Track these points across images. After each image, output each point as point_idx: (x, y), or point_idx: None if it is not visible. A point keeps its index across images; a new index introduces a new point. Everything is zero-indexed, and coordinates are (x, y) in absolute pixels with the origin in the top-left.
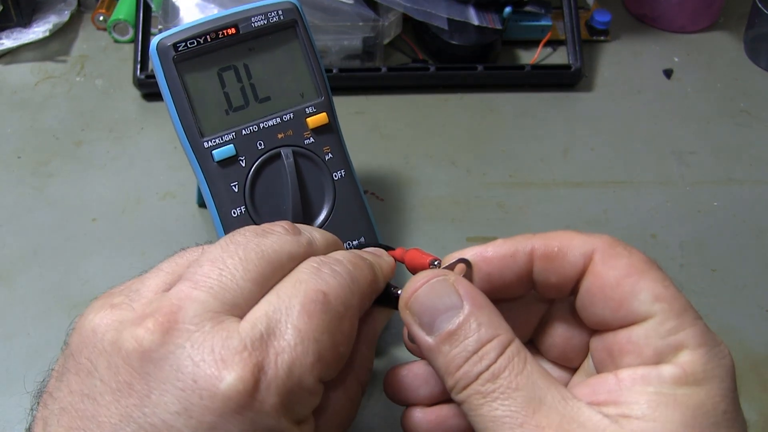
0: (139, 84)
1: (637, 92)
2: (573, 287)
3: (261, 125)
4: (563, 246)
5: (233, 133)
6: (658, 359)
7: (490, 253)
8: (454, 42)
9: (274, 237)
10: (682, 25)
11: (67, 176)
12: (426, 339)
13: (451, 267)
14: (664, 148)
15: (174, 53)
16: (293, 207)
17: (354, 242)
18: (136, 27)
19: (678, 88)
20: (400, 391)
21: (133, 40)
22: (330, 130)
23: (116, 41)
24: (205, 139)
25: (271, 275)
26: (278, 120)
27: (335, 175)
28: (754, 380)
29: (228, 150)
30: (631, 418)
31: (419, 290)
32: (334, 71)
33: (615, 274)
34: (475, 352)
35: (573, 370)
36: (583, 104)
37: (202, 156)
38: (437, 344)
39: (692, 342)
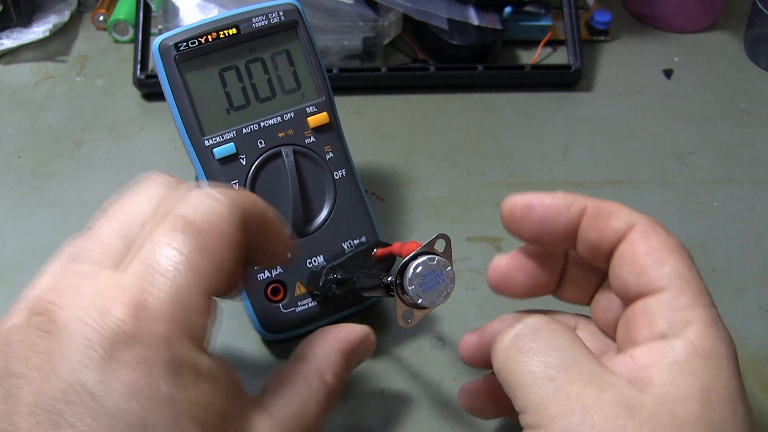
0: (139, 84)
1: (637, 92)
2: (610, 251)
3: (262, 124)
4: (612, 211)
5: (234, 132)
6: (668, 331)
7: (548, 201)
8: (454, 42)
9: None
10: (682, 25)
11: (67, 176)
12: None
13: (431, 244)
14: (664, 148)
15: (176, 53)
16: (293, 205)
17: (355, 241)
18: (136, 27)
19: (678, 88)
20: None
21: (133, 40)
22: (331, 129)
23: (116, 41)
24: (206, 137)
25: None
26: (279, 119)
27: (336, 174)
28: (755, 380)
29: (228, 148)
30: (658, 386)
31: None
32: (334, 71)
33: (648, 245)
34: (518, 319)
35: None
36: (583, 104)
37: (203, 154)
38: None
39: (701, 321)
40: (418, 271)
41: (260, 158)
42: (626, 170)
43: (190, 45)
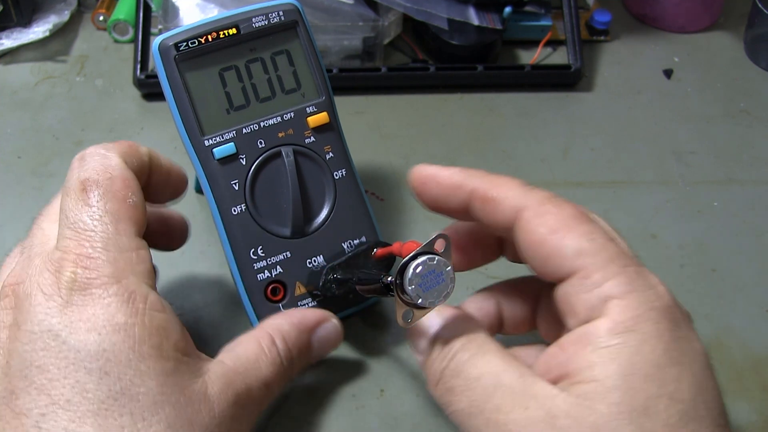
0: (139, 84)
1: (637, 92)
2: (507, 232)
3: (261, 124)
4: (499, 196)
5: (234, 132)
6: (591, 314)
7: (443, 179)
8: (454, 42)
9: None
10: (682, 25)
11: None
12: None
13: (431, 244)
14: (664, 148)
15: (175, 53)
16: (293, 205)
17: (355, 241)
18: (136, 27)
19: (678, 88)
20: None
21: (133, 40)
22: (331, 129)
23: (116, 41)
24: (205, 137)
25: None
26: (279, 119)
27: (336, 174)
28: (754, 380)
29: (228, 148)
30: (580, 383)
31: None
32: (334, 71)
33: (542, 231)
34: (442, 350)
35: None
36: (583, 104)
37: (202, 154)
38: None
39: (619, 290)
40: (418, 271)
41: (260, 158)
42: (626, 170)
43: (190, 45)
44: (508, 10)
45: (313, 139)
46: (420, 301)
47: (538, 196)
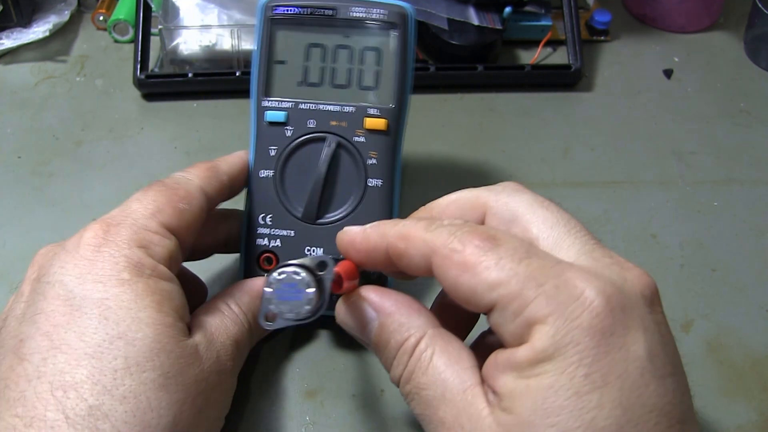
0: (139, 84)
1: (637, 92)
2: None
3: (321, 107)
4: (408, 248)
5: (292, 103)
6: (520, 341)
7: (360, 243)
8: (454, 42)
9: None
10: (682, 25)
11: (67, 176)
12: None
13: (315, 260)
14: (664, 148)
15: (272, 14)
16: (311, 191)
17: None
18: (136, 27)
19: (678, 88)
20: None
21: (133, 40)
22: (385, 137)
23: (116, 41)
24: (266, 98)
25: None
26: (338, 108)
27: (370, 182)
28: (754, 380)
29: (279, 115)
30: (503, 410)
31: (340, 314)
32: None
33: (452, 275)
34: (395, 357)
35: None
36: (583, 104)
37: (259, 112)
38: (375, 353)
39: (539, 314)
40: (279, 277)
41: (305, 136)
42: (626, 170)
43: (289, 11)
44: (508, 10)
45: (362, 139)
46: (272, 307)
47: (442, 236)
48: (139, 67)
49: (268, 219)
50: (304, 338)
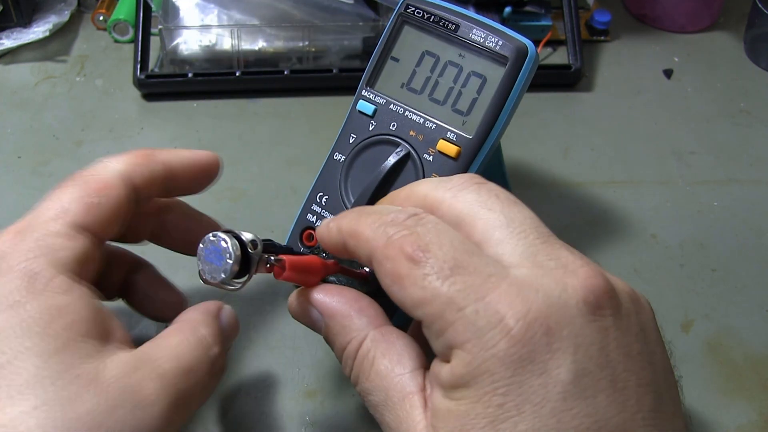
0: (139, 84)
1: (637, 92)
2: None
3: (408, 114)
4: (356, 247)
5: (385, 100)
6: (445, 359)
7: (324, 240)
8: None
9: None
10: (682, 25)
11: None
12: None
13: (250, 239)
14: (664, 148)
15: (404, 10)
16: (365, 188)
17: None
18: (136, 27)
19: (678, 88)
20: None
21: (133, 40)
22: (453, 164)
23: (116, 41)
24: (367, 89)
25: None
26: (423, 120)
27: None
28: (754, 380)
29: (369, 107)
30: (432, 426)
31: (292, 309)
32: (334, 71)
33: (386, 282)
34: (342, 359)
35: None
36: (583, 104)
37: (356, 98)
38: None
39: (457, 340)
40: (211, 239)
41: (382, 135)
42: (626, 170)
43: (416, 13)
44: (508, 10)
45: (431, 158)
46: (199, 263)
47: (380, 239)
48: (139, 67)
49: (324, 199)
50: (305, 338)
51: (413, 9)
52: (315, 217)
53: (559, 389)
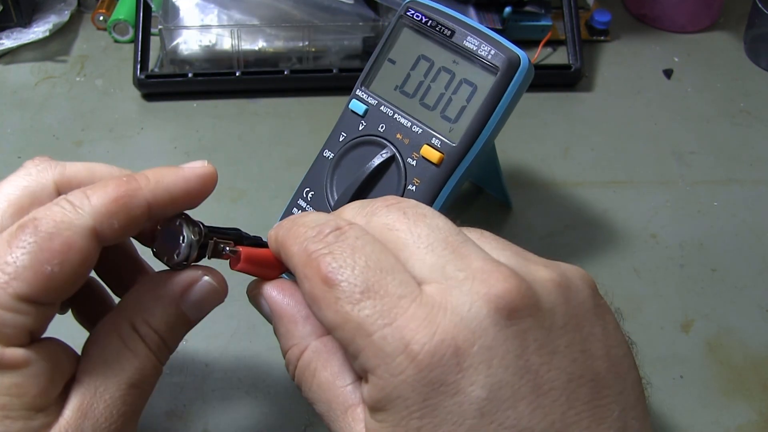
0: (139, 84)
1: (637, 92)
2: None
3: (397, 116)
4: (286, 259)
5: (377, 101)
6: (365, 379)
7: (272, 245)
8: None
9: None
10: (682, 25)
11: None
12: None
13: (213, 229)
14: (664, 148)
15: (404, 13)
16: (347, 187)
17: None
18: (136, 27)
19: (678, 88)
20: None
21: (133, 40)
22: (435, 170)
23: (116, 41)
24: (361, 89)
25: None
26: (410, 124)
27: None
28: (754, 380)
29: (359, 107)
30: None
31: (249, 297)
32: (334, 71)
33: (306, 300)
34: (285, 360)
35: None
36: (583, 104)
37: (351, 97)
38: None
39: (369, 365)
40: (168, 221)
41: (369, 135)
42: (626, 170)
43: (416, 17)
44: (508, 10)
45: (414, 163)
46: (156, 243)
47: (302, 255)
48: (139, 67)
49: (310, 195)
50: None
51: (414, 12)
52: (299, 211)
53: (476, 406)
